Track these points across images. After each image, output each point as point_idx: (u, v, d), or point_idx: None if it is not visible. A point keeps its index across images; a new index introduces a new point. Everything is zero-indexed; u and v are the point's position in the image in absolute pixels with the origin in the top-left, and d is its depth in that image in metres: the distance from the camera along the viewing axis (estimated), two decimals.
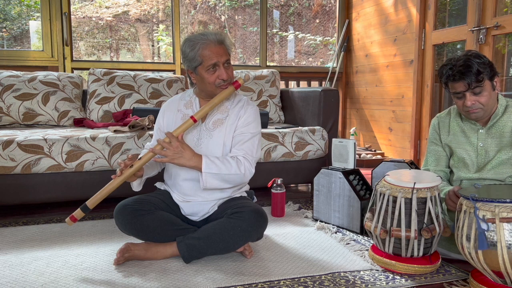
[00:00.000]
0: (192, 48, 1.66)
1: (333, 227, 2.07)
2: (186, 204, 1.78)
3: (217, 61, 1.66)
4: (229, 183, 1.69)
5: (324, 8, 5.69)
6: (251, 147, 1.73)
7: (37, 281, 1.48)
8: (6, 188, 2.16)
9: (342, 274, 1.56)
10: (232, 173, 1.65)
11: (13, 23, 4.60)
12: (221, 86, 1.69)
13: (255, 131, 1.76)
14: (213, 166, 1.62)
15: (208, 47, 1.65)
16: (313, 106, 2.88)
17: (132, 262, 1.63)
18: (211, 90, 1.70)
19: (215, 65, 1.66)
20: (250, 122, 1.76)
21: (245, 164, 1.68)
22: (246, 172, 1.68)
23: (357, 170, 2.16)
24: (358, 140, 4.38)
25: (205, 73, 1.67)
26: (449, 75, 1.65)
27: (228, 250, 1.64)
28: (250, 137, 1.74)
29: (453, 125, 1.83)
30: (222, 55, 1.67)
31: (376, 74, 4.06)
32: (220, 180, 1.65)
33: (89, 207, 1.59)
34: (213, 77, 1.67)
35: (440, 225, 1.56)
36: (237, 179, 1.68)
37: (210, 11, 5.82)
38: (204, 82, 1.70)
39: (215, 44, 1.67)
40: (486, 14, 2.88)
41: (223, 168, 1.64)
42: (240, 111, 1.77)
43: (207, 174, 1.62)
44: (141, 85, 3.04)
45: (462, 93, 1.65)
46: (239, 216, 1.61)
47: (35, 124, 2.81)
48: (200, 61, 1.66)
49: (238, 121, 1.75)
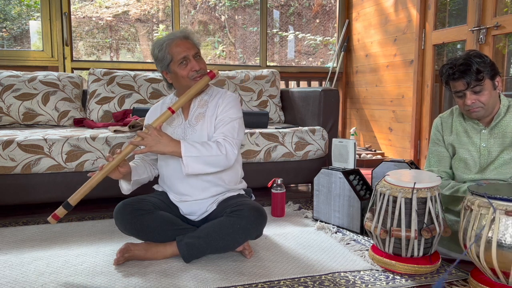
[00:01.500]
0: (160, 48, 1.72)
1: (333, 227, 2.07)
2: (183, 204, 1.79)
3: (187, 54, 1.70)
4: (212, 166, 1.66)
5: (324, 8, 5.69)
6: (231, 130, 1.73)
7: (37, 281, 1.48)
8: (6, 188, 2.16)
9: (342, 274, 1.55)
10: (214, 154, 1.64)
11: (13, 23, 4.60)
12: (195, 78, 1.72)
13: (234, 116, 1.76)
14: (193, 149, 1.62)
15: (174, 43, 1.71)
16: (313, 106, 2.88)
17: (132, 262, 1.63)
18: (186, 84, 1.72)
19: (185, 59, 1.70)
20: (229, 109, 1.76)
21: (225, 146, 1.67)
22: (228, 153, 1.66)
23: (357, 170, 2.16)
24: (358, 140, 4.38)
25: (177, 68, 1.71)
26: (449, 74, 1.66)
27: (228, 248, 1.64)
28: (229, 121, 1.74)
29: (455, 125, 1.83)
30: (190, 48, 1.72)
31: (376, 74, 4.06)
32: (202, 164, 1.63)
33: (71, 204, 1.56)
34: (186, 70, 1.71)
35: (440, 225, 1.55)
36: (220, 161, 1.66)
37: (210, 11, 5.82)
38: (178, 77, 1.73)
39: (181, 39, 1.72)
40: (486, 14, 2.88)
41: (203, 150, 1.62)
42: (218, 101, 1.79)
43: (188, 157, 1.60)
44: (141, 85, 3.04)
45: (463, 92, 1.66)
46: (238, 214, 1.62)
47: (35, 124, 2.81)
48: (170, 58, 1.70)
49: (217, 109, 1.76)
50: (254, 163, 2.57)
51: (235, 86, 3.23)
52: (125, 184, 1.74)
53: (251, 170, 2.52)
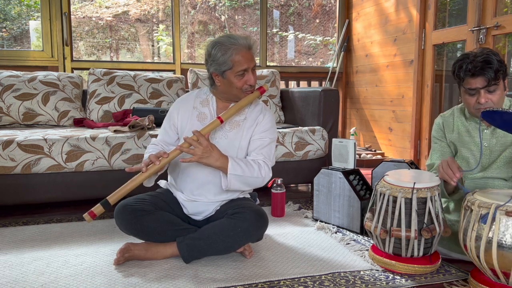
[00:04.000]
0: (224, 52, 1.65)
1: (333, 227, 2.07)
2: (191, 203, 1.78)
3: (248, 67, 1.68)
4: (249, 186, 1.70)
5: (324, 8, 5.69)
6: (269, 152, 1.76)
7: (37, 281, 1.48)
8: (6, 188, 2.16)
9: (342, 274, 1.55)
10: (254, 176, 1.67)
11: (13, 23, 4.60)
12: (247, 91, 1.72)
13: (273, 136, 1.79)
14: (238, 168, 1.63)
15: (240, 52, 1.66)
16: (313, 106, 2.88)
17: (132, 262, 1.63)
18: (236, 94, 1.72)
19: (245, 71, 1.68)
20: (269, 128, 1.78)
21: (265, 169, 1.70)
22: (266, 176, 1.70)
23: (357, 170, 2.16)
24: (358, 140, 4.38)
25: (234, 78, 1.68)
26: (468, 70, 1.58)
27: (229, 250, 1.64)
28: (268, 142, 1.76)
29: (457, 125, 1.81)
30: (251, 61, 1.70)
31: (376, 74, 4.06)
32: (242, 182, 1.66)
33: (110, 203, 1.53)
34: (241, 82, 1.69)
35: (440, 225, 1.56)
36: (257, 182, 1.70)
37: (210, 11, 5.82)
38: (231, 86, 1.70)
39: (246, 49, 1.68)
40: (486, 14, 2.88)
41: (247, 171, 1.65)
42: (259, 116, 1.78)
43: (232, 175, 1.62)
44: (141, 85, 3.04)
45: (477, 90, 1.60)
46: (239, 217, 1.61)
47: (35, 124, 2.81)
48: (231, 66, 1.66)
49: (256, 126, 1.77)
50: None
51: None
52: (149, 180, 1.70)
53: None
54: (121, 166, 2.30)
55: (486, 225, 1.33)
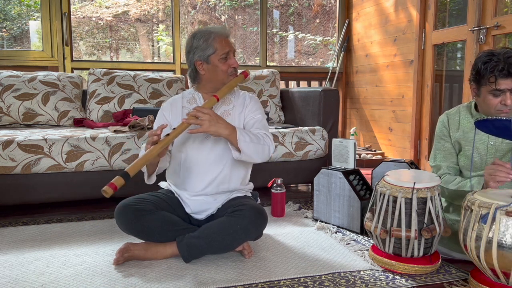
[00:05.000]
0: (206, 38, 1.75)
1: (333, 227, 2.07)
2: (195, 201, 1.78)
3: (229, 49, 1.78)
4: (258, 155, 1.71)
5: (324, 8, 5.69)
6: (266, 127, 1.84)
7: (37, 281, 1.48)
8: (6, 188, 2.16)
9: (342, 274, 1.55)
10: (261, 143, 1.71)
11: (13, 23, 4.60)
12: (232, 74, 1.79)
13: (263, 115, 1.88)
14: (246, 136, 1.67)
15: (220, 37, 1.77)
16: (313, 106, 2.88)
17: (132, 262, 1.63)
18: (222, 78, 1.78)
19: (228, 54, 1.76)
20: (258, 108, 1.87)
21: (269, 138, 1.77)
22: (271, 146, 1.76)
23: (357, 170, 2.16)
24: (358, 140, 4.38)
25: (218, 62, 1.76)
26: (502, 69, 1.54)
27: (228, 248, 1.64)
28: (262, 118, 1.85)
29: (463, 123, 1.81)
30: (232, 47, 1.81)
31: (376, 74, 4.06)
32: (252, 151, 1.68)
33: (130, 174, 1.44)
34: (226, 65, 1.77)
35: (440, 225, 1.56)
36: (265, 151, 1.73)
37: (210, 11, 5.82)
38: (216, 70, 1.77)
39: (226, 36, 1.80)
40: (486, 14, 2.88)
41: (254, 138, 1.70)
42: (246, 101, 1.88)
43: (242, 142, 1.64)
44: (141, 85, 3.04)
45: (505, 91, 1.57)
46: (239, 215, 1.62)
47: (35, 124, 2.81)
48: (214, 50, 1.75)
49: (245, 109, 1.85)
50: (254, 163, 2.56)
51: None
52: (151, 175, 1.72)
53: (251, 170, 2.52)
54: (121, 166, 2.30)
55: (486, 225, 1.33)
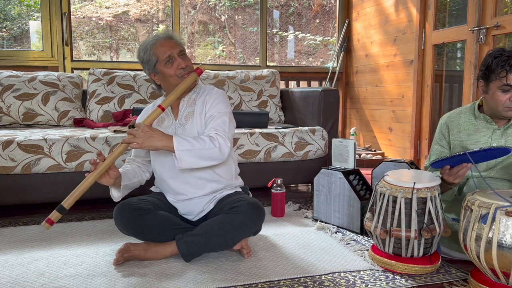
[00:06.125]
0: (144, 50, 1.74)
1: (333, 227, 2.07)
2: (180, 204, 1.79)
3: (171, 52, 1.71)
4: (206, 160, 1.63)
5: (324, 8, 5.68)
6: (222, 124, 1.71)
7: (37, 281, 1.48)
8: (6, 188, 2.16)
9: (342, 274, 1.55)
10: (206, 147, 1.62)
11: (13, 23, 4.60)
12: (183, 75, 1.72)
13: (223, 110, 1.75)
14: (186, 143, 1.60)
15: (158, 43, 1.72)
16: (313, 106, 2.88)
17: (132, 262, 1.63)
18: (174, 82, 1.73)
19: (170, 57, 1.71)
20: (217, 104, 1.75)
21: (218, 139, 1.65)
22: (222, 146, 1.64)
23: (357, 170, 2.16)
24: (358, 140, 4.38)
25: (164, 67, 1.72)
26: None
27: (227, 245, 1.64)
28: (219, 116, 1.73)
29: (466, 125, 1.81)
30: (174, 47, 1.73)
31: (376, 74, 4.06)
32: (195, 157, 1.61)
33: (65, 207, 1.50)
34: (173, 69, 1.72)
35: (440, 225, 1.56)
36: (214, 154, 1.63)
37: (210, 11, 5.82)
38: (166, 77, 1.73)
39: (165, 39, 1.74)
40: (486, 14, 2.88)
41: (196, 144, 1.61)
42: (206, 98, 1.78)
43: (180, 151, 1.58)
44: (141, 85, 3.04)
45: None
46: (236, 211, 1.62)
47: (35, 124, 2.81)
48: (156, 59, 1.72)
49: (205, 106, 1.76)
50: (254, 163, 2.57)
51: (235, 86, 3.23)
52: (115, 191, 1.70)
53: (251, 170, 2.52)
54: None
55: (486, 225, 1.33)
